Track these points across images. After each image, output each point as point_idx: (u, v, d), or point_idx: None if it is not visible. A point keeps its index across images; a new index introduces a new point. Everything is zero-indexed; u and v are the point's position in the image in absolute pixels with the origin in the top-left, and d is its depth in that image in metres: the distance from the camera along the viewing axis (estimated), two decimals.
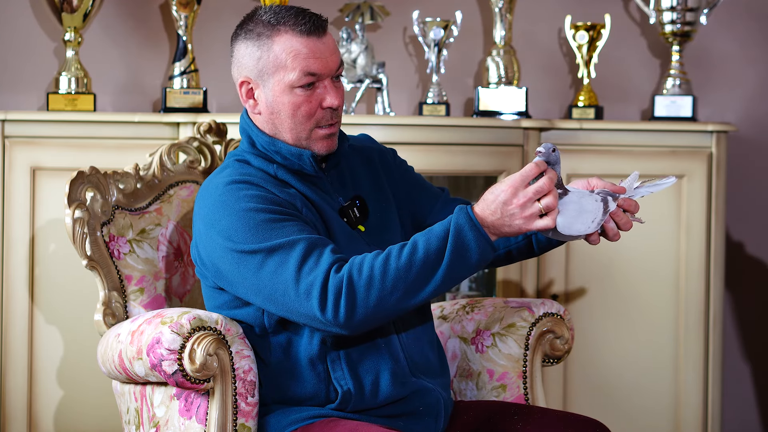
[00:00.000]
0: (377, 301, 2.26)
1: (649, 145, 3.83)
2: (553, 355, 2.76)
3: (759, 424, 4.29)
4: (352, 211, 2.50)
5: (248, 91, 2.49)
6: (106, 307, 2.68)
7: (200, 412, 2.42)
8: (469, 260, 2.28)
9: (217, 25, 3.90)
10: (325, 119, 2.46)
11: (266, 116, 2.48)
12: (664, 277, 3.83)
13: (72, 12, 3.62)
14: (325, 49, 2.45)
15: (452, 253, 2.27)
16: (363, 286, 2.26)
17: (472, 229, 2.27)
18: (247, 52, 2.47)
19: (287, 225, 2.33)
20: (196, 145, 2.90)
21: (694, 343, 3.83)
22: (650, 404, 3.83)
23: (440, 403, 2.50)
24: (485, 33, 4.08)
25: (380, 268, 2.26)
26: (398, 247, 2.29)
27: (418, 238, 2.29)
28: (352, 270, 2.27)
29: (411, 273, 2.26)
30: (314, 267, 2.28)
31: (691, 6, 3.94)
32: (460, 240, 2.27)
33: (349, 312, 2.26)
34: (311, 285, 2.27)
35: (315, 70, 2.43)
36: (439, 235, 2.28)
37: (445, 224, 2.29)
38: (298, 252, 2.29)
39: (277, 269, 2.29)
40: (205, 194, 2.44)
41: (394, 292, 2.26)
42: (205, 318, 2.40)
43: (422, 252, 2.27)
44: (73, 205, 2.67)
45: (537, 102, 4.05)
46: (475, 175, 3.88)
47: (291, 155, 2.47)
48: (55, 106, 3.61)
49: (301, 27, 2.43)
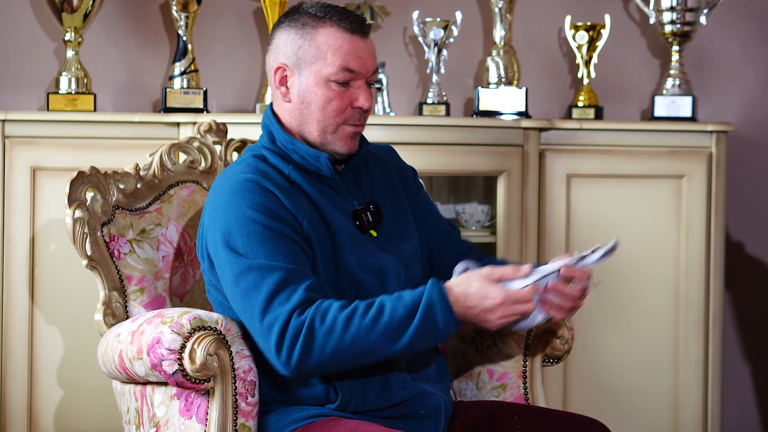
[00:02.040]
0: (333, 353, 2.29)
1: (649, 145, 3.83)
2: (553, 355, 2.76)
3: (759, 424, 4.30)
4: (365, 214, 2.50)
5: (282, 78, 2.48)
6: (107, 307, 2.68)
7: (200, 412, 2.42)
8: (433, 336, 2.31)
9: (217, 25, 3.90)
10: (353, 118, 2.47)
11: (296, 105, 2.48)
12: (664, 277, 3.83)
13: (72, 12, 3.62)
14: (366, 50, 2.46)
15: (419, 326, 2.29)
16: (322, 336, 2.28)
17: (443, 308, 2.30)
18: (288, 39, 2.47)
19: (278, 246, 2.34)
20: (196, 145, 2.90)
21: (694, 343, 3.83)
22: (650, 404, 3.83)
23: (441, 406, 2.50)
24: (485, 33, 4.08)
25: (343, 322, 2.28)
26: (365, 305, 2.31)
27: (385, 302, 2.31)
28: (316, 316, 2.29)
29: (371, 335, 2.29)
30: (283, 302, 2.30)
31: (691, 6, 3.94)
32: (430, 316, 2.30)
33: (302, 358, 2.28)
34: (273, 322, 2.29)
35: (353, 67, 2.44)
36: (408, 305, 2.30)
37: (416, 296, 2.31)
38: (274, 280, 2.31)
39: (250, 291, 2.32)
40: (218, 186, 2.46)
41: (351, 348, 2.29)
42: (205, 318, 2.40)
43: (387, 317, 2.29)
44: (73, 205, 2.67)
45: (537, 102, 4.05)
46: (475, 175, 3.88)
47: (309, 156, 2.47)
48: (55, 106, 3.61)
49: (346, 24, 2.44)
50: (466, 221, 3.87)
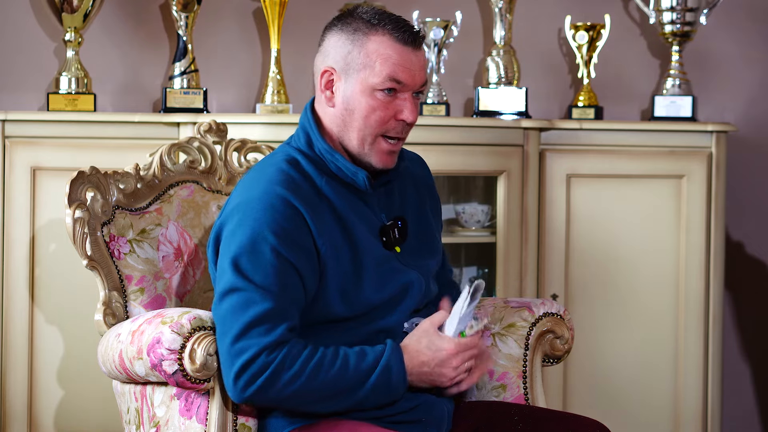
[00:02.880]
0: (290, 395, 2.32)
1: (649, 145, 3.83)
2: (553, 355, 2.76)
3: (759, 424, 4.30)
4: (392, 231, 2.49)
5: (328, 81, 2.45)
6: (107, 307, 2.68)
7: (200, 412, 2.42)
8: (384, 396, 2.36)
9: (217, 25, 3.90)
10: (395, 131, 2.44)
11: (339, 111, 2.45)
12: (664, 277, 3.83)
13: (72, 12, 3.62)
14: (416, 62, 2.43)
15: (374, 386, 2.34)
16: (284, 381, 2.30)
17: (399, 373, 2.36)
18: (338, 43, 2.43)
19: (280, 273, 2.34)
20: (196, 145, 2.90)
21: (694, 343, 3.83)
22: (650, 404, 3.83)
23: (444, 414, 2.49)
24: (485, 33, 4.08)
25: (311, 371, 2.31)
26: (331, 355, 2.34)
27: (350, 355, 2.35)
28: (284, 361, 2.30)
29: (334, 387, 2.33)
30: (261, 335, 2.30)
31: (690, 6, 3.94)
32: (386, 376, 2.35)
33: (257, 393, 2.31)
34: (245, 349, 2.30)
35: (401, 78, 2.41)
36: (370, 363, 2.34)
37: (377, 355, 2.35)
38: (259, 310, 2.31)
39: (234, 309, 2.33)
40: (249, 185, 2.44)
41: (311, 395, 2.32)
42: (205, 318, 2.40)
43: (351, 372, 2.33)
44: (73, 205, 2.67)
45: (537, 102, 4.05)
46: (475, 175, 3.88)
47: (347, 170, 2.45)
48: (55, 106, 3.61)
49: (398, 34, 2.41)
50: (466, 221, 3.87)
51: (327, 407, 2.35)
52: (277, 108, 3.73)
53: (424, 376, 2.39)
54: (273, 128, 3.55)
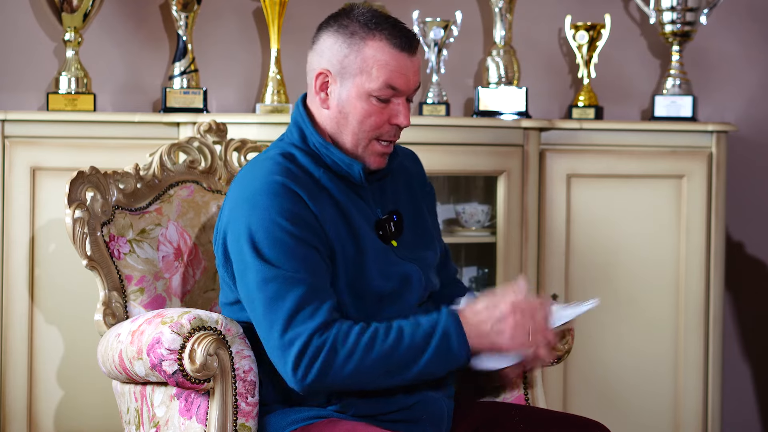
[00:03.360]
0: (350, 374, 2.29)
1: (649, 145, 3.83)
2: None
3: (759, 424, 4.29)
4: (388, 225, 2.49)
5: (323, 83, 2.45)
6: (106, 307, 2.68)
7: (200, 412, 2.42)
8: (447, 361, 2.32)
9: (217, 25, 3.90)
10: (389, 134, 2.45)
11: (333, 114, 2.45)
12: (664, 277, 3.82)
13: (72, 12, 3.62)
14: (412, 68, 2.43)
15: (435, 351, 2.31)
16: (342, 358, 2.28)
17: (458, 335, 2.32)
18: (335, 45, 2.42)
19: (303, 255, 2.33)
20: (196, 145, 2.90)
21: (694, 343, 3.83)
22: (650, 404, 3.83)
23: (444, 412, 2.49)
24: (485, 33, 4.08)
25: (365, 345, 2.29)
26: (384, 328, 2.31)
27: (404, 326, 2.32)
28: (338, 337, 2.29)
29: (391, 359, 2.30)
30: (306, 319, 2.29)
31: (691, 6, 3.94)
32: (445, 342, 2.31)
33: (319, 377, 2.29)
34: (294, 339, 2.29)
35: (397, 85, 2.41)
36: (426, 330, 2.31)
37: (433, 322, 2.33)
38: (298, 294, 2.30)
39: (273, 301, 2.31)
40: (244, 183, 2.43)
41: (370, 371, 2.30)
42: (205, 318, 2.39)
43: (407, 341, 2.30)
44: (73, 205, 2.67)
45: (537, 102, 4.05)
46: (475, 175, 3.88)
47: (342, 162, 2.45)
48: (55, 106, 3.61)
49: (395, 40, 2.41)
50: (466, 221, 3.87)
51: (390, 381, 2.32)
52: (277, 108, 3.73)
53: (483, 338, 2.33)
54: (273, 128, 3.55)
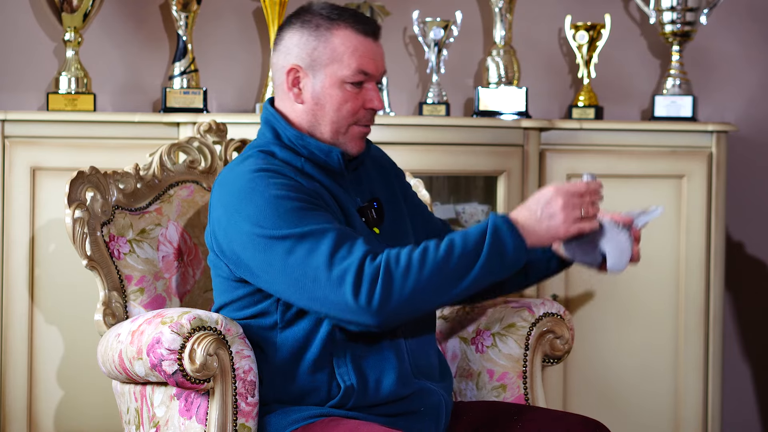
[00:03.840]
0: (412, 291, 2.27)
1: (649, 145, 3.83)
2: (553, 355, 2.76)
3: (759, 424, 4.30)
4: (369, 211, 2.51)
5: (295, 79, 2.48)
6: (106, 307, 2.68)
7: (200, 412, 2.42)
8: (505, 259, 2.31)
9: (217, 25, 3.90)
10: (365, 119, 2.49)
11: (309, 107, 2.48)
12: (664, 277, 3.83)
13: (72, 12, 3.62)
14: (379, 53, 2.49)
15: (489, 250, 2.29)
16: (400, 274, 2.27)
17: (510, 229, 2.31)
18: (301, 40, 2.47)
19: (317, 214, 2.34)
20: (196, 145, 2.90)
21: (694, 343, 3.83)
22: (650, 404, 3.83)
23: (442, 405, 2.50)
24: (485, 33, 4.08)
25: (418, 258, 2.28)
26: (434, 242, 2.31)
27: (453, 236, 2.32)
28: (390, 259, 2.28)
29: (448, 266, 2.28)
30: (347, 255, 2.28)
31: (691, 6, 3.94)
32: (498, 238, 2.30)
33: (384, 299, 2.26)
34: (345, 271, 2.27)
35: (368, 69, 2.46)
36: (477, 232, 2.31)
37: (482, 225, 2.32)
38: (330, 239, 2.29)
39: (307, 255, 2.29)
40: (227, 182, 2.43)
41: (430, 283, 2.28)
42: (205, 318, 2.39)
43: (460, 247, 2.29)
44: (73, 205, 2.67)
45: (537, 102, 4.05)
46: (475, 175, 3.88)
47: (320, 151, 2.47)
48: (55, 106, 3.61)
49: (360, 26, 2.46)
50: (466, 221, 3.87)
51: (455, 290, 2.30)
52: None
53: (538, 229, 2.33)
54: None
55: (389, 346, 2.45)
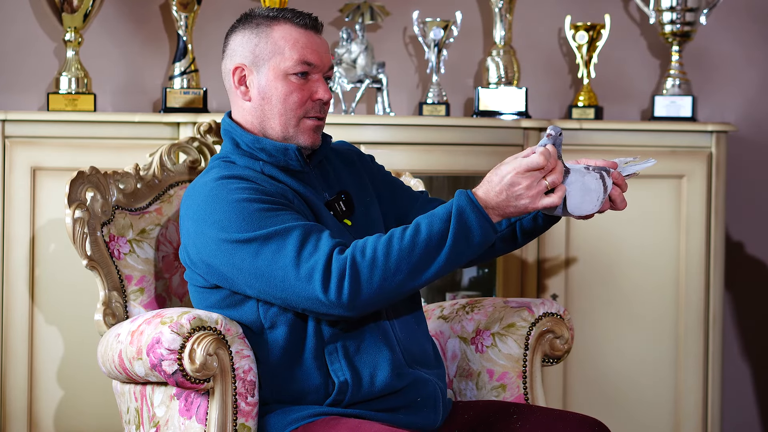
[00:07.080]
0: (381, 281, 2.29)
1: (649, 145, 3.83)
2: (553, 355, 2.76)
3: (759, 424, 4.30)
4: (338, 204, 2.53)
5: (240, 77, 2.53)
6: (106, 307, 2.68)
7: (200, 412, 2.43)
8: (471, 241, 2.31)
9: (217, 26, 3.90)
10: (314, 110, 2.51)
11: (256, 103, 2.51)
12: (664, 277, 3.83)
13: (72, 12, 3.63)
14: (322, 45, 2.52)
15: (455, 234, 2.30)
16: (367, 267, 2.28)
17: (473, 211, 2.31)
18: (243, 40, 2.53)
19: (281, 214, 2.36)
20: (196, 145, 2.90)
21: (694, 343, 3.83)
22: (650, 404, 3.83)
23: (438, 393, 2.50)
24: (485, 33, 4.08)
25: (383, 249, 2.29)
26: (400, 229, 2.32)
27: (420, 220, 2.32)
28: (356, 251, 2.30)
29: (414, 254, 2.29)
30: (314, 251, 2.30)
31: (691, 6, 3.94)
32: (462, 221, 2.31)
33: (354, 292, 2.28)
34: (312, 268, 2.29)
35: (311, 60, 2.49)
36: (442, 217, 2.31)
37: (447, 206, 2.33)
38: (295, 237, 2.31)
39: (274, 255, 2.31)
40: (192, 193, 2.46)
41: (398, 273, 2.29)
42: (205, 318, 2.40)
43: (425, 233, 2.30)
44: (73, 205, 2.68)
45: (537, 102, 4.05)
46: (475, 175, 3.88)
47: (277, 151, 2.49)
48: (55, 106, 3.61)
49: (299, 20, 2.51)
50: None
51: (425, 275, 2.31)
52: None
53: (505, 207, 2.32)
54: None
55: (380, 337, 2.45)
